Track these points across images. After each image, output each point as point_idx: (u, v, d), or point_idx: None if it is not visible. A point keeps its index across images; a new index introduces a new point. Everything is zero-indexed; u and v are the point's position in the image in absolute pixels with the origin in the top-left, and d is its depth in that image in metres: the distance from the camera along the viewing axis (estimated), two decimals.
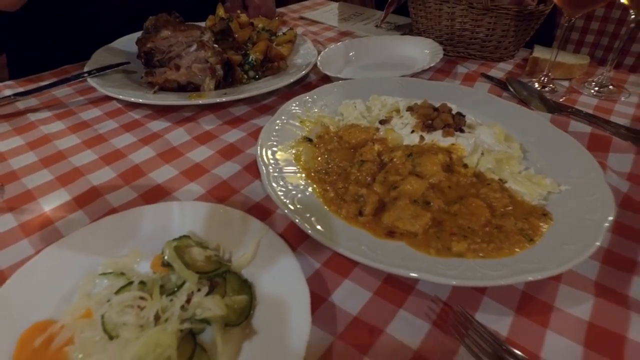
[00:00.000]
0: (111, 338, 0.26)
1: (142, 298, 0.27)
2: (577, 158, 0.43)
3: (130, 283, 0.28)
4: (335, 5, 1.06)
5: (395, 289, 0.33)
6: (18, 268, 0.33)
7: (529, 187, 0.39)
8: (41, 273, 0.31)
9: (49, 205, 0.41)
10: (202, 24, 0.74)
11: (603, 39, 0.99)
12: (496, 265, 0.31)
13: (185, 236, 0.33)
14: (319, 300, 0.32)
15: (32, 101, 0.60)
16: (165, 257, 0.30)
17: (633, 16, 0.61)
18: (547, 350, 0.29)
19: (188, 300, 0.27)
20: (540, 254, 0.32)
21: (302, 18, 0.96)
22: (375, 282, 0.33)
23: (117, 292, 0.28)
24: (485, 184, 0.38)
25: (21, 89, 0.62)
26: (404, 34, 0.88)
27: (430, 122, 0.44)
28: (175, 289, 0.28)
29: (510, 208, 0.36)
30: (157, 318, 0.27)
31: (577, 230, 0.34)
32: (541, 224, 0.35)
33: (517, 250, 0.32)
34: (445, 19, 0.73)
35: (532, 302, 0.32)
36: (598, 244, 0.32)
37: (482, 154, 0.42)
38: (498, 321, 0.31)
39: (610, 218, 0.35)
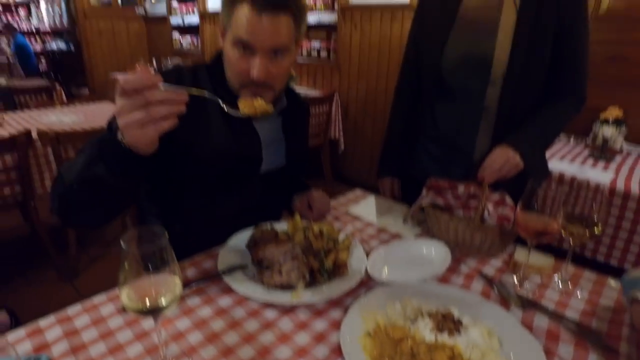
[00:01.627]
0: None
1: None
2: (532, 350, 0.72)
3: None
4: (372, 198, 1.46)
5: None
6: None
7: None
8: None
9: None
10: (284, 225, 1.13)
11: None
12: None
13: None
14: None
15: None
16: None
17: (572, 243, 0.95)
18: None
19: None
20: None
21: (348, 214, 1.34)
22: None
23: None
24: None
25: None
26: (423, 229, 1.24)
27: (441, 326, 0.75)
28: None
29: None
30: None
31: None
32: None
33: None
34: (452, 230, 1.09)
35: None
36: None
37: (472, 348, 0.72)
38: None
39: None
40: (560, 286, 0.97)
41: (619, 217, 1.80)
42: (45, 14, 8.58)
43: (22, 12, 8.95)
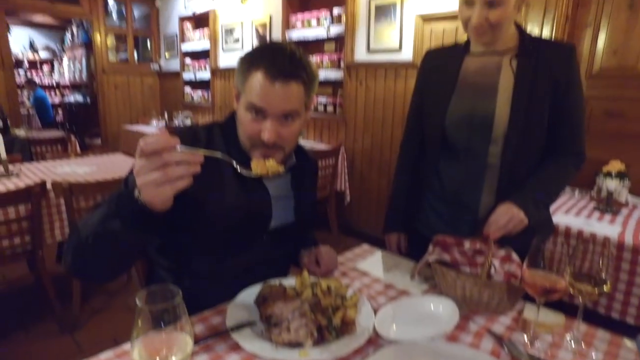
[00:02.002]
0: None
1: None
2: None
3: None
4: (379, 254, 1.47)
5: None
6: None
7: None
8: None
9: None
10: (292, 281, 1.13)
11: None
12: None
13: None
14: None
15: None
16: None
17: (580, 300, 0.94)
18: None
19: None
20: None
21: (355, 269, 1.35)
22: None
23: None
24: None
25: None
26: (430, 286, 1.24)
27: None
28: None
29: None
30: None
31: None
32: None
33: None
34: (459, 287, 1.09)
35: None
36: None
37: None
38: None
39: None
40: (573, 346, 0.95)
41: (631, 273, 1.78)
42: (66, 70, 9.07)
43: (45, 68, 9.49)
